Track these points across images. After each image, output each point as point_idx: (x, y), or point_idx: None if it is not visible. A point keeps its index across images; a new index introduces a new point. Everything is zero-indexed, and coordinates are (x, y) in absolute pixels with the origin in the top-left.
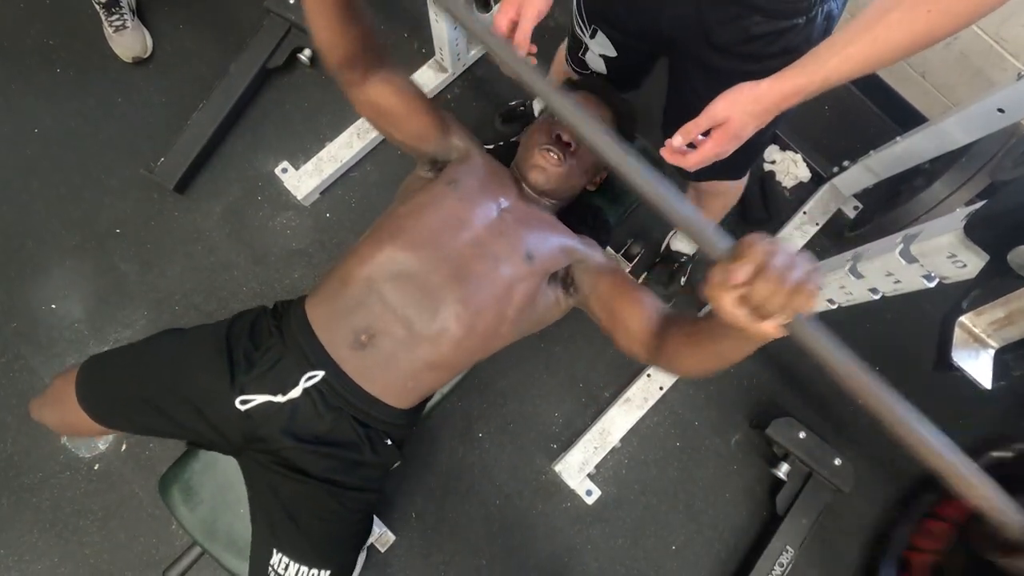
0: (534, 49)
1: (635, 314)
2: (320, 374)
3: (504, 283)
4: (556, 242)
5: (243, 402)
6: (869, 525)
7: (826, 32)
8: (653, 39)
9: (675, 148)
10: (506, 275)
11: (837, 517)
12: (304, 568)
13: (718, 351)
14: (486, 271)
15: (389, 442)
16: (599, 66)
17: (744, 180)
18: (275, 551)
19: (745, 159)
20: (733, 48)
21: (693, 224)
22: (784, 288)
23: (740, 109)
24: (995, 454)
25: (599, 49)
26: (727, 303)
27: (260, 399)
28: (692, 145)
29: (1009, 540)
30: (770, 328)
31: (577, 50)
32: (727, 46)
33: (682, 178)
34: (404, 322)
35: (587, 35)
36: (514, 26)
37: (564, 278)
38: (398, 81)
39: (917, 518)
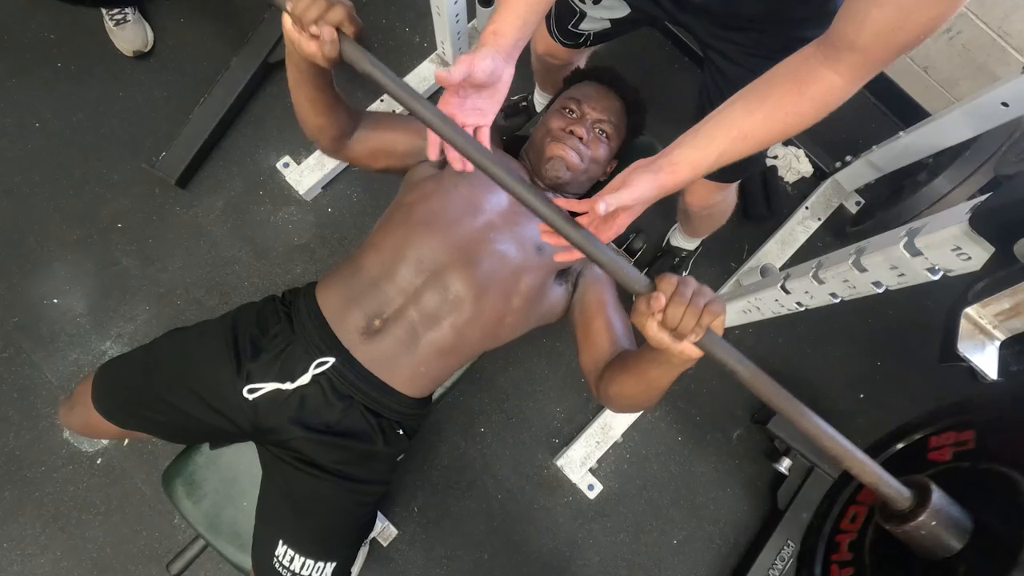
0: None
1: (600, 343)
2: (331, 360)
3: (512, 270)
4: None
5: (251, 391)
6: None
7: None
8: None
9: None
10: (515, 263)
11: None
12: (310, 561)
13: (648, 379)
14: (495, 256)
15: (401, 432)
16: (600, 26)
17: (732, 202)
18: (281, 543)
19: (739, 171)
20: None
21: (618, 266)
22: (693, 309)
23: (642, 199)
24: (899, 446)
25: (606, 13)
26: (652, 327)
27: (268, 387)
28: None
29: (895, 510)
30: (687, 346)
31: (569, 20)
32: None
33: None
34: (417, 306)
35: (589, 2)
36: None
37: (574, 278)
38: (372, 119)
39: (843, 506)
